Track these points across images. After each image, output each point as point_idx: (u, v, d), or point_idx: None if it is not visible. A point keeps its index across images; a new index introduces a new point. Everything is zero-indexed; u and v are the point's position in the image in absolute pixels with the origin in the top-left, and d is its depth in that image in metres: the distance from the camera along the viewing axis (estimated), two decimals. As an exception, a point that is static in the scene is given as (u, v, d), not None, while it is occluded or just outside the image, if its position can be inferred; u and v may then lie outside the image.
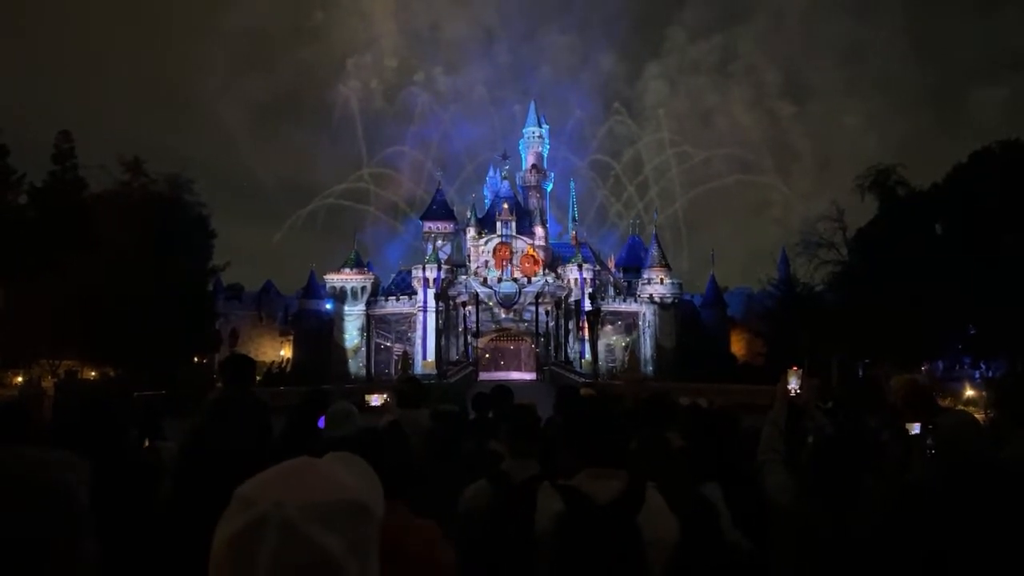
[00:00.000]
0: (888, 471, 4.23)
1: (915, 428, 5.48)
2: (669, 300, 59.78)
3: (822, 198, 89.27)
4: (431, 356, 56.99)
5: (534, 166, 68.41)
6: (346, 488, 0.95)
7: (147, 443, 4.63)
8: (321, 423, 4.93)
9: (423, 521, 2.12)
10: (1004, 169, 36.48)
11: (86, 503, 1.21)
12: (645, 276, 60.70)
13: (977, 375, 40.31)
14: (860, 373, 45.21)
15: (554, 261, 61.25)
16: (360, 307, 60.53)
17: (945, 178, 41.69)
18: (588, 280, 58.77)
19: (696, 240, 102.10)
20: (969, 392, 36.96)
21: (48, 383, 34.61)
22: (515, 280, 58.81)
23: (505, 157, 67.68)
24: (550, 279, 58.83)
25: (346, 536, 0.90)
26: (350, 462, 1.06)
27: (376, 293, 61.69)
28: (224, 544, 0.89)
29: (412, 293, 60.16)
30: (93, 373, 40.87)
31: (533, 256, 60.36)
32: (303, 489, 0.91)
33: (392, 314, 61.09)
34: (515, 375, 54.06)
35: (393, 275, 65.91)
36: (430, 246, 62.76)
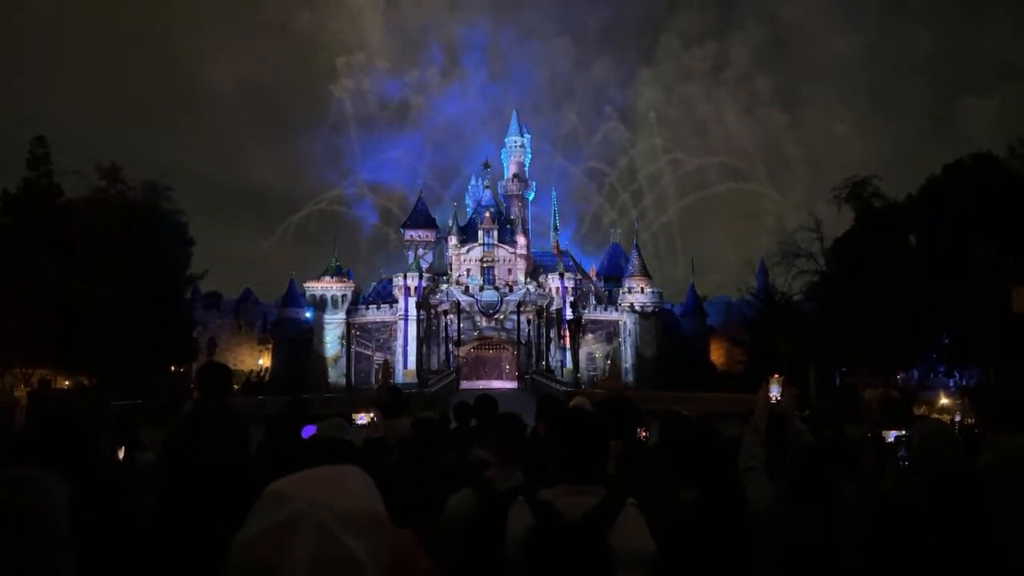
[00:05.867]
0: (865, 478, 4.28)
1: (891, 436, 5.56)
2: (649, 309, 60.09)
3: (813, 207, 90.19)
4: (412, 365, 56.73)
5: (516, 175, 68.59)
6: (369, 500, 1.03)
7: (123, 454, 4.55)
8: (306, 435, 4.87)
9: (402, 531, 2.11)
10: (976, 181, 37.22)
11: (64, 524, 1.20)
12: (626, 285, 60.97)
13: (952, 383, 40.91)
14: (837, 381, 45.77)
15: (536, 270, 61.35)
16: (340, 315, 60.06)
17: (919, 190, 42.40)
18: (570, 289, 58.93)
19: (690, 247, 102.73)
20: (944, 400, 37.54)
21: (21, 393, 33.94)
22: (496, 289, 58.79)
23: (487, 166, 67.81)
24: (532, 288, 58.89)
25: (368, 543, 0.97)
26: (359, 475, 1.10)
27: (357, 301, 61.23)
28: (257, 534, 0.94)
29: (393, 301, 59.83)
30: (67, 383, 40.14)
31: (514, 265, 60.46)
32: (335, 494, 0.99)
33: (373, 323, 60.69)
34: (496, 383, 53.95)
35: (374, 283, 65.57)
36: (411, 254, 62.57)
